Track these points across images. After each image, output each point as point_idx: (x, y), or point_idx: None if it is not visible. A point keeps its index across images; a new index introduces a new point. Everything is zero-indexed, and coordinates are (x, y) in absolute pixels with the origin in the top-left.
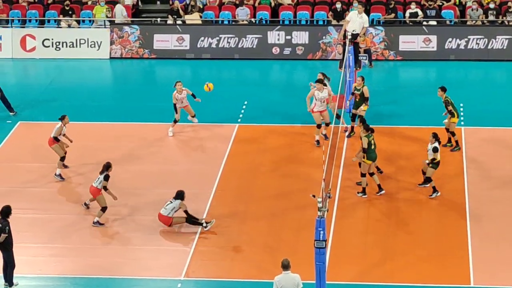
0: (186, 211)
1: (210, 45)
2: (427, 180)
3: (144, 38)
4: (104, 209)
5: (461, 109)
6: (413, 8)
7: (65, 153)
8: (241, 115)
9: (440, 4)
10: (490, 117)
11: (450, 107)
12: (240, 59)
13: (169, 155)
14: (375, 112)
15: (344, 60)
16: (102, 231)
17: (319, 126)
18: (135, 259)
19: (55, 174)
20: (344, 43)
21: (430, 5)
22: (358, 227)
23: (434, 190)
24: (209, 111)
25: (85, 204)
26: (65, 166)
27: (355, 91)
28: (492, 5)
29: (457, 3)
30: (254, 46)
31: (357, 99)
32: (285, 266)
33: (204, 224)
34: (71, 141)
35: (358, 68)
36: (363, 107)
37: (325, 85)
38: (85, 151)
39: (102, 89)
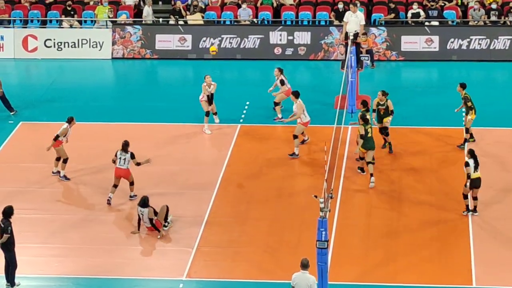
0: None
1: (213, 45)
2: (464, 197)
3: (146, 39)
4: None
5: (463, 109)
6: (415, 8)
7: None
8: (243, 116)
9: (442, 4)
10: (492, 118)
11: (470, 103)
12: (242, 59)
13: (171, 155)
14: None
15: (346, 60)
16: (103, 231)
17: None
18: (137, 259)
19: (60, 176)
20: (346, 44)
21: (432, 5)
22: (360, 227)
23: (467, 208)
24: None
25: (133, 195)
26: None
27: (379, 106)
28: (494, 6)
29: (459, 3)
30: (256, 47)
31: (381, 113)
32: (304, 266)
33: (166, 224)
34: (66, 141)
35: (360, 69)
36: (388, 118)
37: (282, 82)
38: (87, 152)
39: (104, 89)
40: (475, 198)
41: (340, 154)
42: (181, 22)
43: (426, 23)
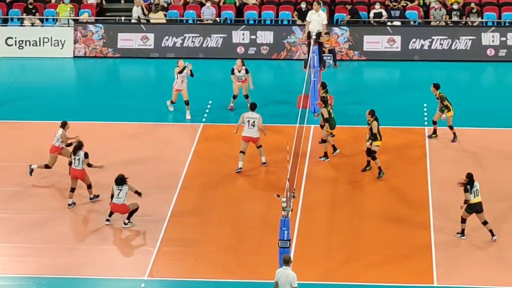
0: (137, 191)
1: (175, 44)
2: (462, 220)
3: (108, 37)
4: (90, 185)
5: (425, 109)
6: (377, 8)
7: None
8: (205, 115)
9: (404, 4)
10: (454, 118)
11: (446, 102)
12: (204, 58)
13: (133, 153)
14: (340, 112)
15: (309, 60)
16: (65, 231)
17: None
18: (99, 258)
19: (30, 166)
20: (309, 43)
21: (394, 5)
22: (322, 227)
23: (462, 232)
24: (173, 111)
25: (93, 197)
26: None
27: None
28: (455, 6)
29: (421, 4)
30: (219, 46)
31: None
32: (286, 262)
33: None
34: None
35: (322, 68)
36: (376, 143)
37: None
38: (47, 151)
39: (66, 88)
40: (485, 223)
41: (302, 153)
42: (143, 21)
43: (388, 23)
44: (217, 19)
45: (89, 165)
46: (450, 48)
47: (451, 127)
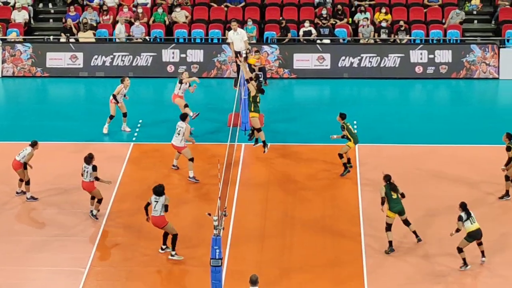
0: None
1: (104, 63)
2: (458, 250)
3: (37, 57)
4: (100, 200)
5: (355, 126)
6: (307, 26)
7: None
8: (136, 134)
9: (334, 22)
10: (383, 134)
11: (345, 132)
12: (134, 77)
13: (64, 173)
14: (270, 129)
15: (239, 78)
16: None
17: (192, 160)
18: (29, 279)
19: (27, 198)
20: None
21: (324, 23)
22: (254, 245)
23: (465, 263)
24: (101, 130)
25: (96, 213)
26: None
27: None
28: (384, 24)
29: (350, 22)
30: (149, 64)
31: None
32: (254, 282)
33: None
34: (31, 167)
35: None
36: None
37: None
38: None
39: None
40: (480, 244)
41: (233, 172)
42: (72, 40)
43: (318, 41)
44: (147, 37)
45: (97, 179)
46: (379, 66)
47: (340, 156)
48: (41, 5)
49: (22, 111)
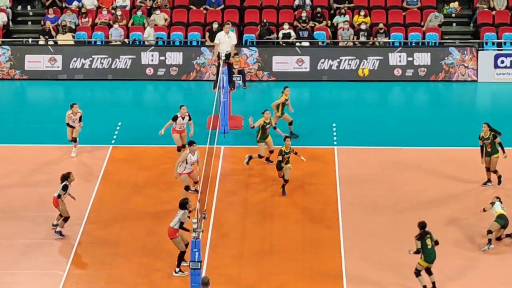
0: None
1: (83, 66)
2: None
3: (15, 59)
4: (66, 219)
5: (334, 129)
6: (286, 29)
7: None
8: (115, 137)
9: (313, 25)
10: (361, 137)
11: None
12: (113, 79)
13: (42, 177)
14: (249, 132)
15: (218, 81)
16: None
17: (187, 188)
18: (6, 283)
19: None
20: (218, 64)
21: (303, 26)
22: (233, 248)
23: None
24: (82, 132)
25: (58, 231)
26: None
27: (285, 155)
28: (363, 26)
29: (329, 24)
30: (128, 67)
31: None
32: (206, 284)
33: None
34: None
35: (232, 89)
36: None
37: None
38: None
39: None
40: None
41: (213, 174)
42: (51, 43)
43: (297, 44)
44: (126, 40)
45: (59, 197)
46: (358, 68)
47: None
48: (19, 7)
49: (0, 113)
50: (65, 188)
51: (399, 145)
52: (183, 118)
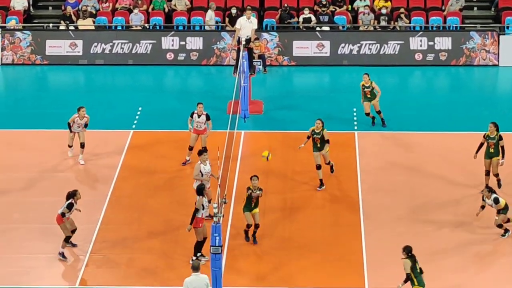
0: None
1: (104, 51)
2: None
3: (36, 44)
4: (66, 238)
5: (354, 113)
6: (306, 13)
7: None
8: (135, 121)
9: (333, 10)
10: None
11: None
12: (134, 65)
13: (63, 162)
14: (269, 117)
15: (239, 65)
16: None
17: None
18: (29, 267)
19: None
20: (238, 49)
21: (323, 10)
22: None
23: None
24: (103, 117)
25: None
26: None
27: (315, 135)
28: (384, 11)
29: (350, 9)
30: (148, 52)
31: (317, 143)
32: (195, 268)
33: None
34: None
35: (252, 74)
36: (326, 148)
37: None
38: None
39: None
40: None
41: (233, 159)
42: (71, 28)
43: (317, 28)
44: (146, 25)
45: (63, 215)
46: (379, 53)
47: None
48: None
49: (21, 98)
50: (70, 206)
51: (419, 130)
52: (199, 116)
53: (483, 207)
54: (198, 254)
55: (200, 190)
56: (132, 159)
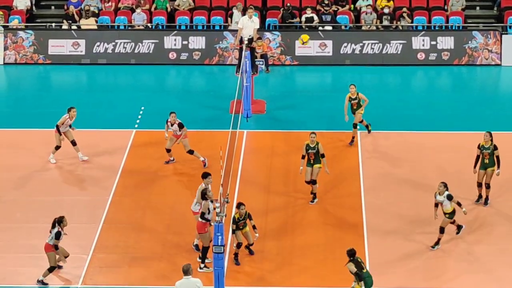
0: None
1: (106, 50)
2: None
3: (39, 43)
4: (51, 268)
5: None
6: (309, 13)
7: None
8: (138, 121)
9: (335, 9)
10: (384, 121)
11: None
12: (136, 64)
13: (65, 160)
14: (272, 116)
15: (241, 65)
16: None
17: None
18: (31, 267)
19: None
20: (241, 48)
21: (326, 10)
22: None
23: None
24: (105, 117)
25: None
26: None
27: (310, 151)
28: (386, 10)
29: (352, 8)
30: (151, 51)
31: (311, 159)
32: (185, 272)
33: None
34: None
35: (255, 73)
36: (322, 164)
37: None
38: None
39: None
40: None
41: (235, 159)
42: (74, 27)
43: (320, 28)
44: (149, 24)
45: (56, 248)
46: (381, 53)
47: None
48: None
49: (24, 98)
50: (58, 236)
51: (421, 129)
52: (171, 125)
53: (436, 205)
54: (202, 266)
55: (204, 195)
56: (135, 159)
